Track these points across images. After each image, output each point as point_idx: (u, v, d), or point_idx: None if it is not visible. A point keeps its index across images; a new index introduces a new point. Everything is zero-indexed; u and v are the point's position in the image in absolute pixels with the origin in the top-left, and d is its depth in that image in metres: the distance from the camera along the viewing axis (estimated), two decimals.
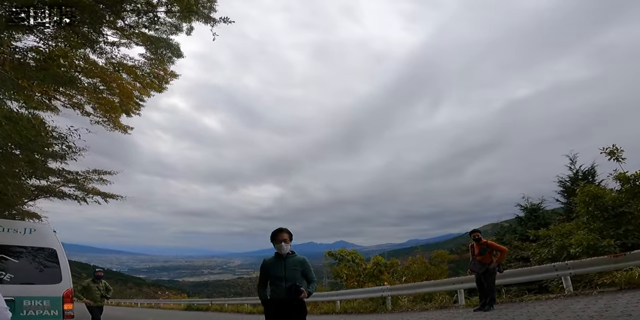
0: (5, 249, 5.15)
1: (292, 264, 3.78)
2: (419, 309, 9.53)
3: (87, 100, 10.38)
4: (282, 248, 3.77)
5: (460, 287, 9.28)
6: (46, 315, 5.01)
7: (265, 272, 3.82)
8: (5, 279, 4.94)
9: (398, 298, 10.85)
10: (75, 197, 17.32)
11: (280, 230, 3.86)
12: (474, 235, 7.84)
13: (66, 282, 5.33)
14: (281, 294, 3.64)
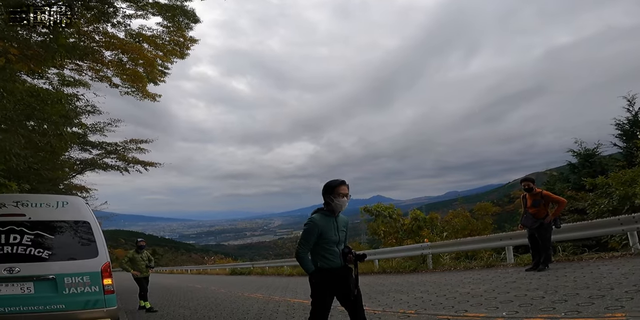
0: (40, 224, 4.98)
1: (342, 224, 3.20)
2: (462, 268, 9.02)
3: (114, 73, 10.77)
4: (344, 204, 3.12)
5: (508, 243, 8.55)
6: (87, 292, 4.88)
7: (316, 234, 3.05)
8: (43, 256, 4.83)
9: (439, 256, 10.37)
10: (117, 167, 18.01)
11: (343, 182, 3.16)
12: (526, 185, 6.89)
13: (103, 256, 5.14)
14: (337, 261, 3.08)
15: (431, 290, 6.52)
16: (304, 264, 3.12)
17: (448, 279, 7.64)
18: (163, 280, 19.93)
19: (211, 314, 6.71)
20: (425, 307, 5.13)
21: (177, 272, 31.65)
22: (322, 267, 3.09)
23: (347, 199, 3.14)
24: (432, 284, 7.20)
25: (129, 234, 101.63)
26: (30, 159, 6.68)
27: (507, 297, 4.97)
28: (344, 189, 3.12)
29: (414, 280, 8.18)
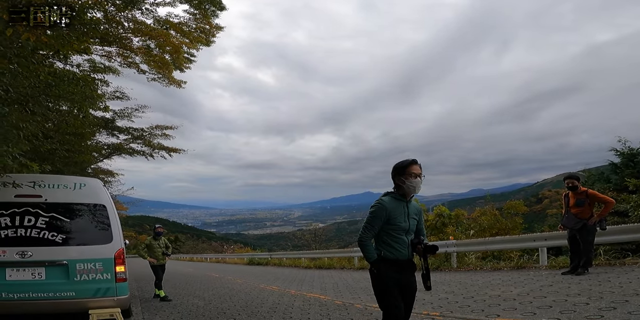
0: (56, 206, 4.83)
1: (414, 211, 2.81)
2: (489, 268, 8.49)
3: (142, 60, 11.20)
4: (417, 185, 2.73)
5: (542, 244, 7.96)
6: (99, 279, 4.71)
7: (384, 218, 2.68)
8: (57, 240, 4.69)
9: (465, 255, 9.85)
10: (143, 152, 18.77)
11: (414, 161, 2.80)
12: (570, 182, 6.32)
13: (117, 242, 4.96)
14: (404, 252, 2.72)
15: (457, 291, 6.09)
16: (366, 252, 2.74)
17: (475, 279, 7.17)
18: (182, 268, 20.24)
19: (224, 305, 6.54)
20: (451, 310, 4.73)
21: (197, 260, 32.23)
22: (386, 257, 2.70)
23: (420, 180, 2.75)
24: (457, 284, 6.75)
25: (154, 220, 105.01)
26: (49, 139, 6.61)
27: (545, 301, 4.53)
28: (416, 169, 2.74)
29: (437, 280, 7.73)
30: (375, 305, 5.55)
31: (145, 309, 6.42)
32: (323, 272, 12.64)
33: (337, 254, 15.44)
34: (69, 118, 7.56)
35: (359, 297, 6.45)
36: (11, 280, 4.43)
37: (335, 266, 13.75)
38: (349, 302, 6.02)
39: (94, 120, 15.17)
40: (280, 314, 5.41)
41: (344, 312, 5.26)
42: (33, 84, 5.24)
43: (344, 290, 7.47)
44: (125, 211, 37.58)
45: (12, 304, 4.38)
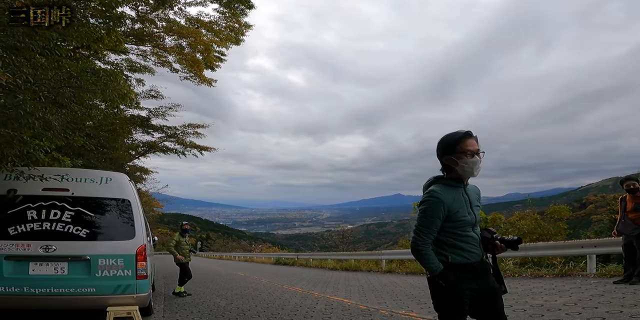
0: (82, 200, 4.78)
1: (474, 197, 2.20)
2: (530, 275, 7.81)
3: (175, 59, 11.74)
4: (475, 166, 2.08)
5: (591, 251, 7.22)
6: (120, 276, 4.60)
7: (443, 214, 2.03)
8: (81, 234, 4.61)
9: (501, 260, 9.15)
10: (175, 150, 19.44)
11: (468, 133, 2.12)
12: (630, 185, 5.70)
13: (139, 238, 4.84)
14: (476, 252, 2.08)
15: None
16: (426, 261, 2.04)
17: (513, 286, 6.56)
18: (210, 266, 20.50)
19: (246, 306, 6.36)
20: None
21: (226, 258, 32.73)
22: (455, 263, 2.04)
23: (479, 159, 2.09)
24: None
25: (188, 218, 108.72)
26: (76, 133, 6.72)
27: (596, 313, 4.01)
28: (471, 144, 2.08)
29: None
30: (403, 311, 5.21)
31: (167, 307, 6.36)
32: (349, 274, 12.28)
33: (364, 256, 15.04)
34: (97, 112, 7.67)
35: (384, 302, 6.06)
36: (34, 274, 4.39)
37: (362, 268, 13.35)
38: (373, 307, 5.65)
39: (131, 118, 15.88)
40: (301, 318, 5.14)
41: (367, 318, 4.91)
42: (57, 75, 5.25)
43: (370, 294, 7.09)
44: (160, 209, 38.99)
45: (33, 298, 4.35)
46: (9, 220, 4.47)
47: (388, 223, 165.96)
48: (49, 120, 4.92)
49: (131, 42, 11.20)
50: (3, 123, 4.34)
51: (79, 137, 6.76)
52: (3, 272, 4.30)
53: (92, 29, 6.00)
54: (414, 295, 6.60)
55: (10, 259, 4.33)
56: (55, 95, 5.39)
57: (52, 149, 5.49)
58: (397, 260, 12.71)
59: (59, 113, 5.58)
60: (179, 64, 12.05)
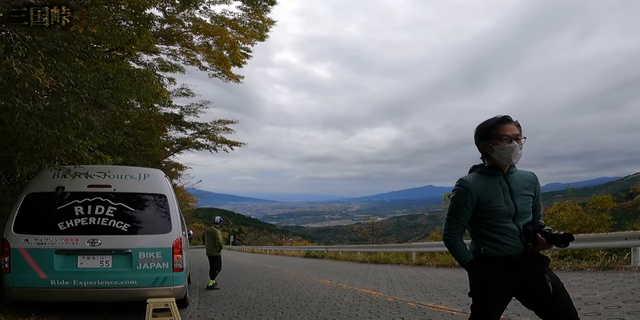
0: (123, 196, 5.03)
1: (520, 184, 2.04)
2: (568, 268, 7.47)
3: (203, 57, 12.15)
4: (513, 152, 1.95)
5: (636, 244, 6.79)
6: (158, 269, 4.80)
7: (471, 204, 1.97)
8: (123, 229, 4.86)
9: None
10: (207, 146, 20.21)
11: (505, 118, 2.00)
12: None
13: (175, 232, 5.03)
14: (514, 245, 1.96)
15: None
16: (455, 252, 2.05)
17: None
18: (242, 259, 21.08)
19: (276, 298, 6.52)
20: (519, 313, 4.14)
21: (257, 252, 33.46)
22: (488, 255, 1.98)
23: (518, 145, 1.94)
24: None
25: (221, 212, 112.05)
26: (116, 132, 7.08)
27: (637, 306, 3.83)
28: (508, 129, 1.96)
29: None
30: (431, 304, 5.16)
31: (202, 299, 6.60)
32: (378, 266, 12.25)
33: (394, 249, 14.90)
34: (133, 111, 8.06)
35: (413, 294, 6.02)
36: (82, 267, 4.65)
37: (391, 261, 13.26)
38: (401, 299, 5.62)
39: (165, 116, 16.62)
40: (329, 309, 5.20)
41: (395, 310, 4.89)
42: (95, 77, 5.54)
43: (398, 286, 7.06)
44: (195, 203, 40.40)
45: (81, 291, 4.60)
46: (58, 216, 4.77)
47: (419, 215, 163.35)
48: (91, 120, 5.19)
49: (161, 42, 11.67)
50: (50, 124, 4.60)
51: (118, 135, 7.12)
52: (54, 266, 4.58)
53: (124, 31, 6.28)
54: (443, 288, 6.51)
55: (61, 253, 4.63)
56: (95, 96, 5.69)
57: (95, 148, 5.82)
58: (428, 252, 12.52)
59: (99, 113, 5.86)
60: (207, 61, 12.42)
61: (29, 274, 4.51)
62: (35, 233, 4.66)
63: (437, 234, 17.96)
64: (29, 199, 4.86)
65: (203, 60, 12.49)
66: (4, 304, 4.66)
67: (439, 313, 4.49)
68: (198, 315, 5.20)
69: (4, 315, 4.43)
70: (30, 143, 4.77)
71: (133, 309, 4.97)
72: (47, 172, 5.05)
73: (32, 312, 4.71)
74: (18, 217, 4.72)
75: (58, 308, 5.02)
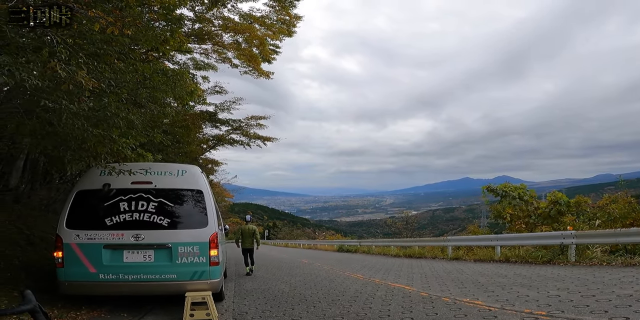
0: (163, 192, 5.20)
1: None
2: (620, 264, 6.99)
3: (234, 55, 12.53)
4: None
5: None
6: (195, 263, 4.94)
7: None
8: (164, 224, 5.03)
9: (587, 247, 8.30)
10: (241, 142, 20.81)
11: None
12: None
13: (212, 226, 5.16)
14: None
15: (573, 288, 5.08)
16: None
17: (599, 275, 5.93)
18: (276, 253, 21.49)
19: (308, 292, 6.59)
20: (562, 309, 3.92)
21: (291, 246, 33.94)
22: None
23: None
24: (574, 281, 5.66)
25: (255, 207, 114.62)
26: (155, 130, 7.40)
27: None
28: None
29: (547, 274, 6.64)
30: (467, 299, 5.01)
31: (237, 293, 6.79)
32: (413, 261, 12.05)
33: (429, 243, 14.58)
34: (170, 110, 8.40)
35: (448, 289, 5.86)
36: (127, 262, 4.85)
37: (426, 255, 13.00)
38: (435, 294, 5.49)
39: (200, 113, 17.28)
40: (361, 304, 5.19)
41: (429, 305, 4.79)
42: (133, 78, 5.78)
43: (433, 281, 6.91)
44: (231, 199, 41.59)
45: (127, 285, 4.81)
46: (105, 211, 5.03)
47: (456, 208, 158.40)
48: (132, 119, 5.42)
49: (193, 42, 12.08)
50: (95, 124, 4.85)
51: (157, 133, 7.44)
52: (103, 260, 4.82)
53: (158, 32, 6.52)
54: (480, 283, 6.29)
55: (108, 248, 4.87)
56: (134, 96, 5.96)
57: (137, 146, 6.09)
58: (465, 246, 12.14)
59: (138, 113, 6.11)
60: (237, 59, 12.74)
61: (80, 268, 4.76)
62: (85, 228, 4.90)
63: (474, 228, 17.37)
64: (78, 196, 5.13)
65: (234, 58, 12.83)
66: (57, 299, 4.93)
67: (476, 309, 4.34)
68: (233, 309, 5.34)
69: (57, 309, 4.72)
70: (78, 142, 5.06)
71: (173, 303, 5.17)
72: (94, 170, 5.35)
73: (83, 306, 5.00)
74: (70, 213, 4.98)
75: (105, 302, 5.30)
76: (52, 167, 7.51)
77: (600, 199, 12.97)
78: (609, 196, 12.31)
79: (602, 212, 10.41)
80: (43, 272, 5.75)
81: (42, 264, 6.09)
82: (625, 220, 9.30)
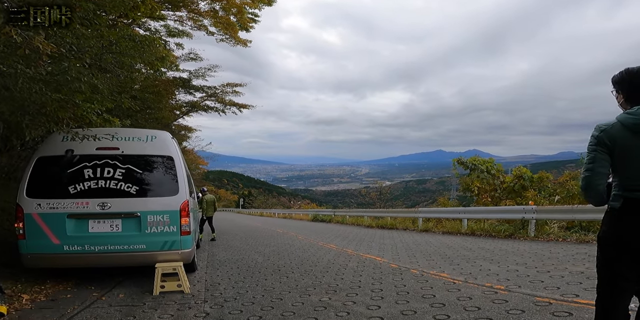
0: (131, 158, 5.01)
1: None
2: (574, 240, 7.51)
3: (210, 23, 12.16)
4: None
5: None
6: (166, 232, 4.81)
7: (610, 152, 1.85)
8: (132, 191, 4.85)
9: (545, 223, 8.83)
10: (216, 109, 20.62)
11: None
12: None
13: (183, 194, 5.00)
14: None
15: (530, 263, 5.44)
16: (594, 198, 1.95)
17: (555, 251, 6.37)
18: (251, 222, 21.76)
19: (281, 262, 6.74)
20: (519, 284, 4.19)
21: (266, 215, 34.39)
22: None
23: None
24: (532, 256, 6.05)
25: (231, 175, 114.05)
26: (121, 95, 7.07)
27: None
28: None
29: (508, 248, 7.07)
30: (434, 271, 5.28)
31: (210, 264, 6.83)
32: (385, 232, 12.51)
33: (400, 214, 15.10)
34: (138, 75, 8.00)
35: (416, 261, 6.15)
36: (93, 232, 4.68)
37: (398, 227, 13.51)
38: (405, 266, 5.75)
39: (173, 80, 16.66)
40: (333, 275, 5.37)
41: (398, 277, 5.02)
42: (98, 43, 5.46)
43: (403, 253, 7.22)
44: (205, 166, 41.13)
45: (93, 256, 4.64)
46: (68, 179, 4.78)
47: (428, 180, 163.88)
48: (95, 84, 5.12)
49: (167, 9, 11.38)
50: (55, 89, 4.58)
51: (125, 99, 7.11)
52: (66, 231, 4.63)
53: None
54: (447, 255, 6.63)
55: (72, 217, 4.67)
56: (98, 61, 5.60)
57: (103, 111, 5.80)
58: (435, 218, 12.68)
59: (103, 77, 5.83)
60: (214, 27, 12.40)
61: (43, 239, 4.56)
62: (47, 197, 4.67)
63: (444, 200, 18.08)
64: (39, 163, 4.85)
65: (210, 26, 12.49)
66: (20, 272, 4.79)
67: (441, 281, 4.59)
68: (205, 280, 5.38)
69: (21, 283, 4.58)
70: (36, 107, 4.77)
71: (143, 274, 5.15)
72: (56, 136, 5.04)
73: (48, 279, 4.87)
74: (30, 181, 4.72)
75: (72, 274, 5.19)
76: (11, 133, 7.08)
77: (561, 175, 13.68)
78: (569, 173, 12.99)
79: (562, 188, 11.02)
80: (5, 244, 5.55)
81: (5, 236, 5.87)
82: (582, 197, 9.91)
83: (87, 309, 3.95)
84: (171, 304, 4.09)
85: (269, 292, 4.46)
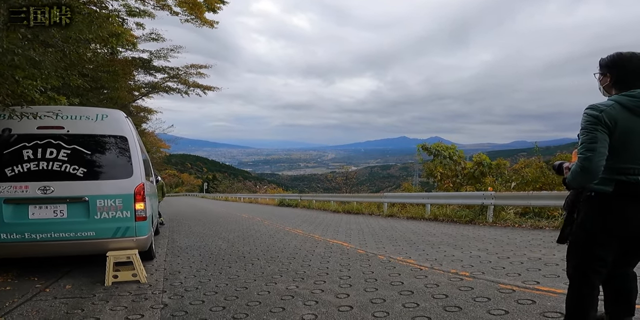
0: (78, 138, 4.62)
1: None
2: (529, 226, 7.90)
3: (175, 2, 11.73)
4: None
5: None
6: (118, 218, 4.50)
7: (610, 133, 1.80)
8: (78, 174, 4.47)
9: (502, 209, 9.23)
10: (178, 90, 19.87)
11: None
12: None
13: (137, 177, 4.67)
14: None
15: (491, 249, 5.63)
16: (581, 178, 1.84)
17: (512, 237, 6.64)
18: (215, 208, 21.25)
19: (246, 248, 6.57)
20: (483, 271, 4.29)
21: (231, 200, 33.68)
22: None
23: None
24: (492, 241, 6.28)
25: (194, 158, 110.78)
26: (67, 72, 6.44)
27: None
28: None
29: (470, 234, 7.30)
30: (400, 257, 5.34)
31: (170, 251, 6.52)
32: (351, 217, 12.61)
33: (366, 199, 15.30)
34: (85, 50, 7.29)
35: (383, 247, 6.19)
36: (34, 218, 4.30)
37: (363, 211, 13.68)
38: (372, 252, 5.77)
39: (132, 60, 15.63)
40: (300, 261, 5.27)
41: (366, 263, 5.00)
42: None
43: (369, 238, 7.26)
44: (167, 149, 39.53)
45: (35, 245, 4.27)
46: (5, 160, 4.33)
47: (392, 165, 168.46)
48: (34, 57, 4.64)
49: None
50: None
51: (73, 76, 6.52)
52: (3, 217, 4.21)
53: None
54: (412, 241, 6.74)
55: (10, 202, 4.25)
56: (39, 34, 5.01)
57: (48, 89, 5.26)
58: (399, 204, 12.94)
59: (46, 52, 5.28)
60: (179, 7, 11.93)
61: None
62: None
63: (408, 185, 18.55)
64: None
65: (175, 6, 11.88)
66: None
67: (408, 268, 4.62)
68: (164, 268, 5.10)
69: None
70: None
71: (95, 264, 4.80)
72: None
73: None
74: None
75: (12, 265, 4.78)
76: None
77: (515, 163, 14.41)
78: (524, 160, 13.70)
79: (517, 175, 11.60)
80: None
81: None
82: (536, 184, 10.44)
83: (28, 302, 3.59)
84: (125, 295, 3.81)
85: (233, 281, 4.28)
